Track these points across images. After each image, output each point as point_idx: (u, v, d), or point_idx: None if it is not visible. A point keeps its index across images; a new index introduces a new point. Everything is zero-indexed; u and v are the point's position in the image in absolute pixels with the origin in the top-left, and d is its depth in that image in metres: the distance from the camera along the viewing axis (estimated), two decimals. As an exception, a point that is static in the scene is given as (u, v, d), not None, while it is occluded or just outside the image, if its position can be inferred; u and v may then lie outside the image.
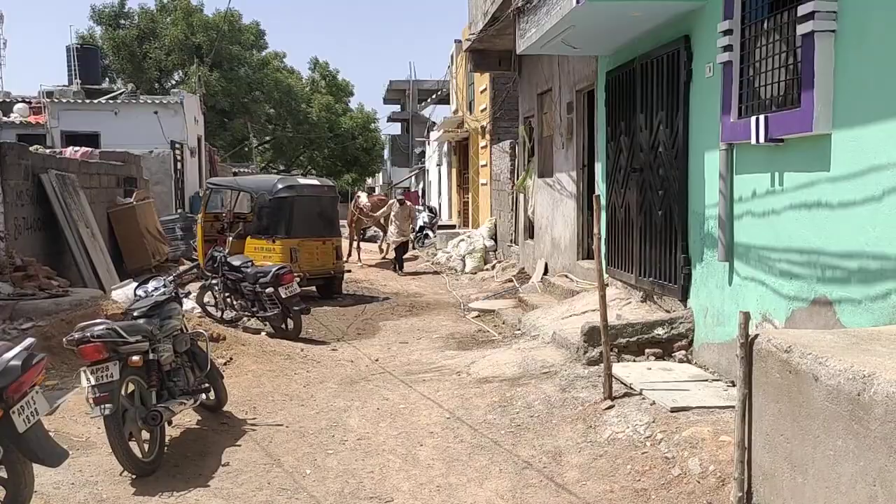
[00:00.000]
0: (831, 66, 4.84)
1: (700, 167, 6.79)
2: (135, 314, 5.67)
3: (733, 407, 5.43)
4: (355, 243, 19.91)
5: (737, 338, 4.16)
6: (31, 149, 14.22)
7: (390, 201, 19.18)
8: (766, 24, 5.69)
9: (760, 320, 5.71)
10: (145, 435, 5.35)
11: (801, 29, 4.96)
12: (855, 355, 3.40)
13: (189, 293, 10.37)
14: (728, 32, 6.03)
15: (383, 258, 19.93)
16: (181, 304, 6.33)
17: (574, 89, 10.95)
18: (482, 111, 19.93)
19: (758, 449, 4.06)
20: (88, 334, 4.91)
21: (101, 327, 5.00)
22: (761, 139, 5.47)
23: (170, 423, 5.68)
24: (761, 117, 5.47)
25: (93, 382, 4.85)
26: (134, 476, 5.09)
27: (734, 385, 6.04)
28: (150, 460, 5.24)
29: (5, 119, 19.67)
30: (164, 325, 5.71)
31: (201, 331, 6.63)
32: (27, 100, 21.79)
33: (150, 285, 6.20)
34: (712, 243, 6.54)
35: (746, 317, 4.12)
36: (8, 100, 22.21)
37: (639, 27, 7.70)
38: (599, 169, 9.66)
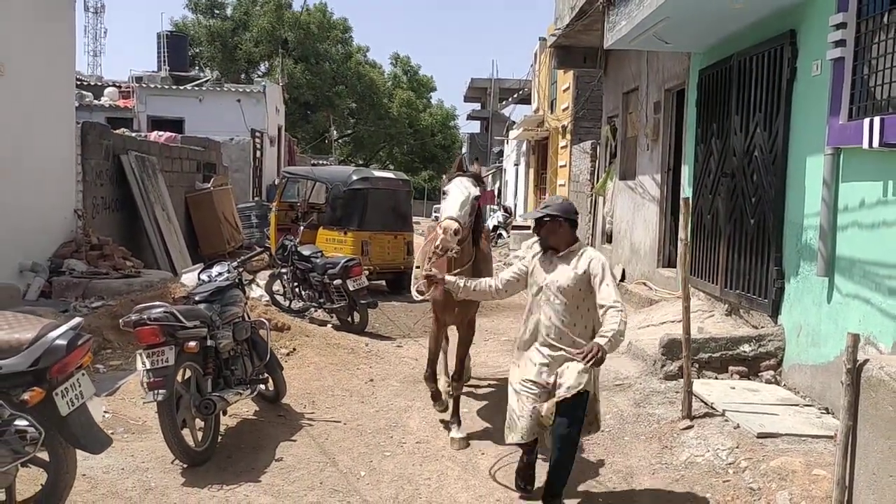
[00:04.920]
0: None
1: (800, 173, 6.26)
2: (196, 299, 5.53)
3: (828, 436, 4.95)
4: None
5: (843, 362, 3.70)
6: (116, 132, 14.59)
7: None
8: (885, 18, 5.14)
9: (863, 343, 5.16)
10: (199, 423, 5.20)
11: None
12: None
13: (253, 280, 10.33)
14: (841, 26, 5.51)
15: None
16: (244, 291, 6.17)
17: (663, 88, 10.43)
18: (564, 110, 19.46)
19: (861, 489, 3.61)
20: (145, 316, 4.76)
21: (158, 310, 4.85)
22: (875, 143, 4.94)
23: (224, 412, 5.51)
24: (876, 119, 4.94)
25: (148, 366, 4.71)
26: (185, 465, 4.93)
27: (828, 412, 5.53)
28: (203, 450, 5.07)
29: (96, 102, 20.24)
30: (224, 311, 5.54)
31: (263, 319, 6.46)
32: (117, 84, 22.41)
33: (215, 270, 6.05)
34: (810, 256, 6.01)
35: (856, 339, 3.66)
36: (100, 84, 22.90)
37: (738, 21, 7.19)
38: (686, 172, 9.14)
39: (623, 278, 12.00)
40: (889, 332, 4.94)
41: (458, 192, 5.13)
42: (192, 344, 4.92)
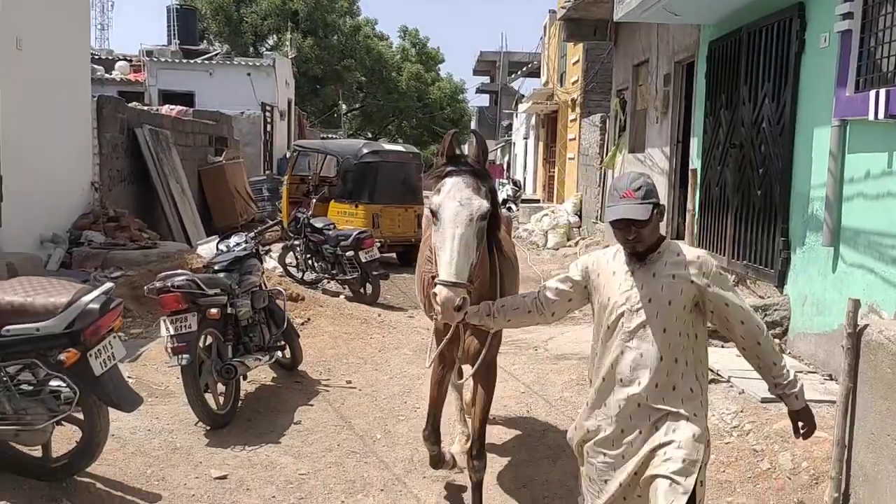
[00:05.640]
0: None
1: (807, 144, 6.34)
2: (215, 268, 5.70)
3: (829, 401, 5.08)
4: None
5: (843, 327, 3.83)
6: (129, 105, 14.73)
7: None
8: (893, -10, 5.20)
9: (867, 311, 5.28)
10: (221, 388, 5.40)
11: (937, -7, 4.50)
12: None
13: (270, 250, 10.51)
14: (849, -1, 5.56)
15: None
16: (261, 261, 6.33)
17: (672, 60, 10.47)
18: (573, 83, 19.45)
19: (859, 448, 3.75)
20: (169, 284, 4.94)
21: (181, 278, 5.02)
22: (880, 115, 5.02)
23: (245, 377, 5.70)
24: (881, 91, 5.02)
25: (171, 332, 4.89)
26: (208, 427, 5.13)
27: (831, 378, 5.66)
28: (224, 413, 5.28)
29: (107, 76, 20.32)
30: (243, 280, 5.71)
31: (280, 289, 6.63)
32: (128, 58, 22.48)
33: (232, 240, 6.21)
34: (816, 226, 6.11)
35: (856, 304, 3.79)
36: (110, 58, 22.97)
37: (748, -7, 7.24)
38: (695, 144, 9.22)
39: (632, 250, 12.10)
40: (892, 300, 5.06)
41: (454, 223, 3.13)
42: (214, 311, 5.10)
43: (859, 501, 3.69)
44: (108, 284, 3.86)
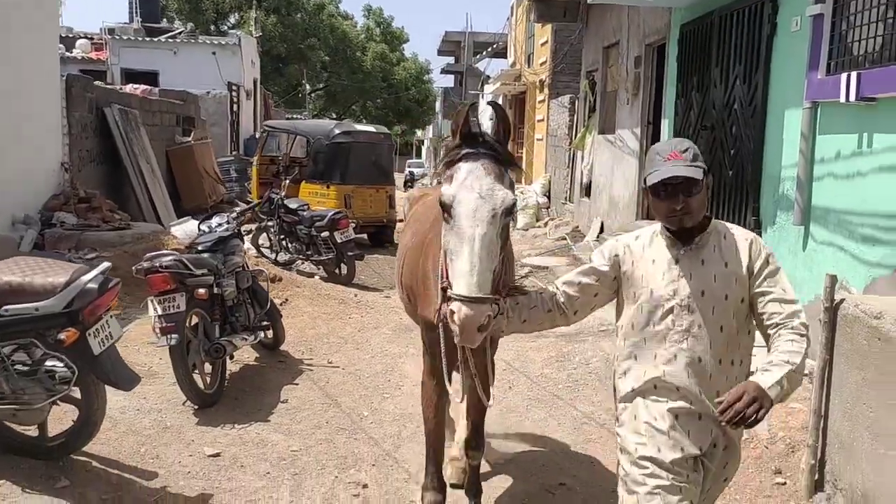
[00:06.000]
0: (938, 20, 4.54)
1: (778, 126, 6.52)
2: (199, 248, 5.69)
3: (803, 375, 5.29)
4: None
5: (821, 301, 4.00)
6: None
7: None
8: (864, -25, 5.36)
9: (836, 287, 5.49)
10: (207, 367, 5.42)
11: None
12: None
13: (252, 231, 10.47)
14: (821, -17, 5.71)
15: None
16: (243, 242, 6.35)
17: (643, 43, 10.59)
18: (541, 64, 19.53)
19: (835, 417, 3.93)
20: (157, 264, 4.94)
21: (169, 258, 5.03)
22: (851, 97, 5.20)
23: (231, 357, 5.73)
24: (853, 74, 5.19)
25: (159, 312, 4.90)
26: (196, 406, 5.16)
27: (802, 352, 5.88)
28: (212, 392, 5.31)
29: (68, 55, 19.84)
30: (227, 260, 5.72)
31: (262, 269, 6.64)
32: (89, 36, 21.99)
33: (214, 221, 6.22)
34: (787, 206, 6.30)
35: (833, 280, 3.96)
36: (70, 35, 22.44)
37: (721, -23, 7.37)
38: (666, 126, 9.37)
39: (602, 231, 12.31)
40: (861, 277, 5.26)
41: (473, 221, 2.51)
42: (202, 291, 5.13)
43: (835, 467, 3.87)
44: (106, 264, 3.86)
